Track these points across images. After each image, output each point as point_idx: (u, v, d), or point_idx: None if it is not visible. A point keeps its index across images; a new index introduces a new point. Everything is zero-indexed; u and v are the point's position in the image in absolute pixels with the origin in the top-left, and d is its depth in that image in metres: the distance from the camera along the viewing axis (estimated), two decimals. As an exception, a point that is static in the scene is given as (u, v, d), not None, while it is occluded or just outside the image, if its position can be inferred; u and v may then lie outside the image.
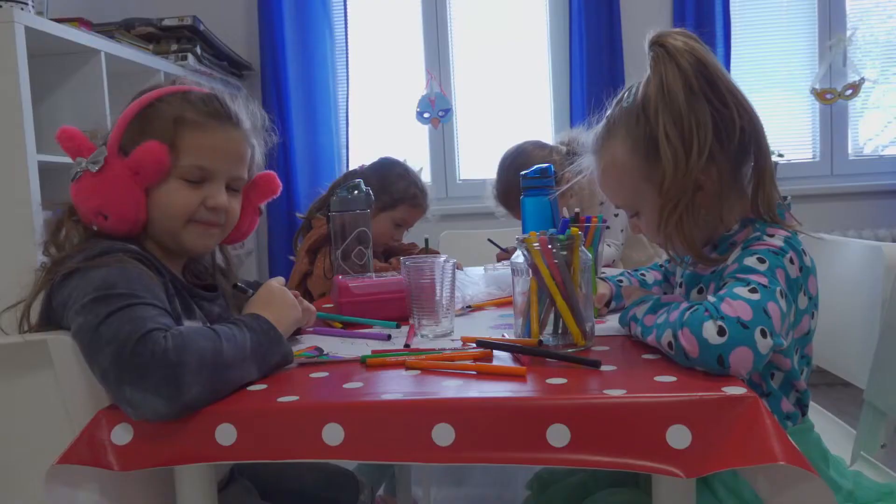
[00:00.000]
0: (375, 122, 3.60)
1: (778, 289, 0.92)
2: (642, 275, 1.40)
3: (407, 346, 1.13)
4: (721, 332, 0.85)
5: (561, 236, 1.03)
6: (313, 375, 0.97)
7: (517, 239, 1.06)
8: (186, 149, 1.08)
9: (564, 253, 1.03)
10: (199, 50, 3.07)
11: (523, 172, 1.56)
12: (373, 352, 1.09)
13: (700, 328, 0.87)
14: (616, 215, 2.16)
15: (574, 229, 1.03)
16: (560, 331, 1.05)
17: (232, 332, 0.93)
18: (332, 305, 1.50)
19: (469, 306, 1.45)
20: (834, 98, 3.43)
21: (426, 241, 1.94)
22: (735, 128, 1.01)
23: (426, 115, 3.50)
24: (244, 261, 3.54)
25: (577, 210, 1.49)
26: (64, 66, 2.46)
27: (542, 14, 3.49)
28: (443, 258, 1.25)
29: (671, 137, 1.00)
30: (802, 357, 1.06)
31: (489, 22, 3.55)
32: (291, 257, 2.09)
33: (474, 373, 0.94)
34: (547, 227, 1.57)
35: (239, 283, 1.24)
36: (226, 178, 1.14)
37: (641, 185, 1.07)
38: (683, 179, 1.00)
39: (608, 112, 1.14)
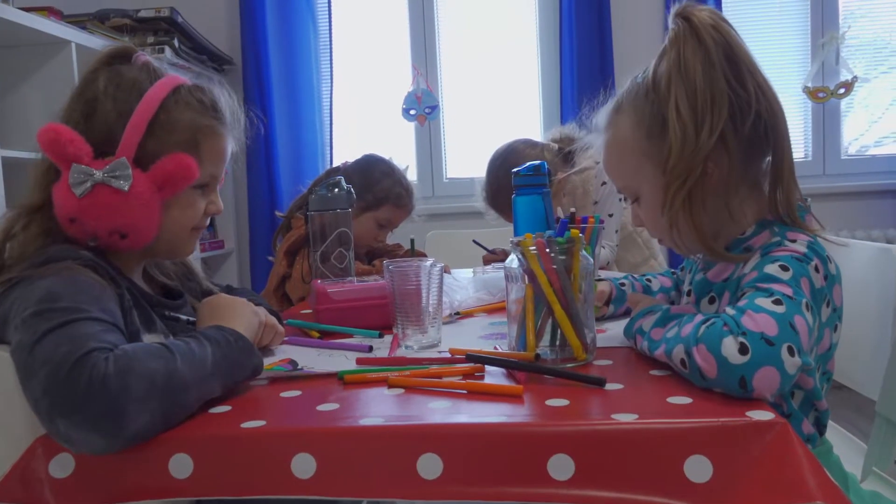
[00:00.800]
0: (360, 119, 3.48)
1: (804, 301, 0.83)
2: (648, 280, 1.30)
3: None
4: (743, 349, 0.75)
5: (560, 239, 0.93)
6: (284, 395, 0.87)
7: (511, 242, 0.96)
8: (205, 158, 1.03)
9: (563, 257, 0.93)
10: (176, 43, 2.95)
11: (515, 170, 1.47)
12: (357, 360, 1.00)
13: (719, 345, 0.77)
14: (611, 215, 2.07)
15: (574, 231, 0.94)
16: (558, 343, 0.95)
17: (189, 348, 0.83)
18: (310, 311, 1.40)
19: (457, 313, 1.36)
20: (826, 97, 3.35)
21: (412, 241, 1.84)
22: (750, 111, 0.93)
23: (412, 111, 3.39)
24: (224, 261, 3.43)
25: (572, 210, 1.40)
26: (32, 57, 2.34)
27: (531, 8, 3.40)
28: (429, 262, 1.15)
29: (682, 112, 0.92)
30: (823, 374, 0.97)
31: (477, 17, 3.44)
32: (271, 258, 1.99)
33: (464, 392, 0.85)
34: (540, 227, 1.47)
35: (168, 313, 1.08)
36: (219, 180, 1.10)
37: (643, 162, 0.99)
38: (692, 157, 0.92)
39: (619, 92, 1.05)
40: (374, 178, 1.95)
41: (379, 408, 0.80)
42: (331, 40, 3.34)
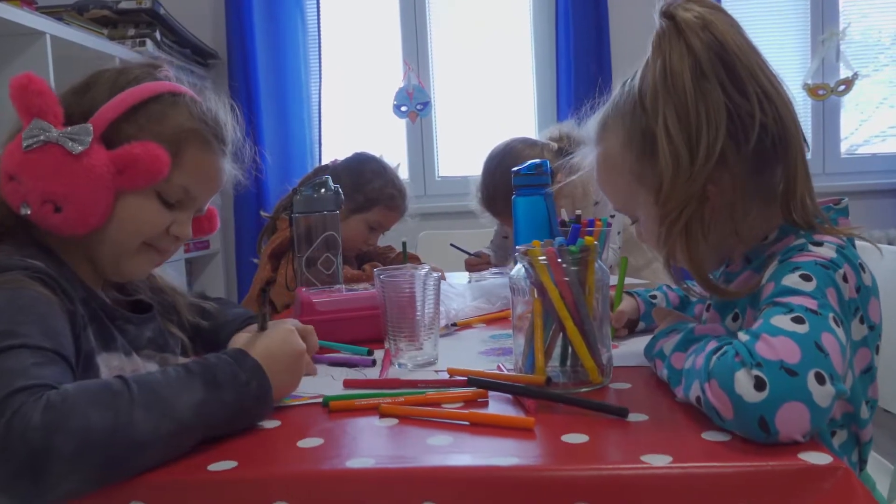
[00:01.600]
0: (350, 116, 3.37)
1: (831, 314, 0.70)
2: (686, 289, 1.17)
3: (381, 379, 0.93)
4: (759, 384, 0.63)
5: (573, 247, 0.83)
6: (261, 426, 0.76)
7: (518, 250, 0.86)
8: (183, 166, 0.93)
9: (576, 268, 0.83)
10: (158, 36, 2.84)
11: (515, 168, 1.37)
12: (344, 382, 0.90)
13: (731, 381, 0.65)
14: (612, 216, 1.97)
15: (589, 239, 0.83)
16: (570, 363, 0.85)
17: (164, 387, 0.68)
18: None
19: (454, 324, 1.25)
20: (826, 94, 3.27)
21: (404, 245, 1.74)
22: (754, 124, 0.80)
23: (403, 108, 3.30)
24: (209, 262, 3.32)
25: (578, 212, 1.30)
26: (2, 49, 2.22)
27: (526, 1, 3.31)
28: (423, 270, 1.05)
29: (672, 134, 0.79)
30: (866, 402, 0.84)
31: (470, 10, 3.34)
32: (255, 260, 1.88)
33: (467, 423, 0.74)
34: (542, 230, 1.38)
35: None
36: (197, 208, 1.00)
37: (635, 187, 0.87)
38: (686, 186, 0.79)
39: (614, 93, 0.94)
40: (364, 177, 1.85)
41: (369, 444, 0.69)
42: (319, 34, 3.25)
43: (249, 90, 3.16)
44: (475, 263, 1.96)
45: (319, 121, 3.26)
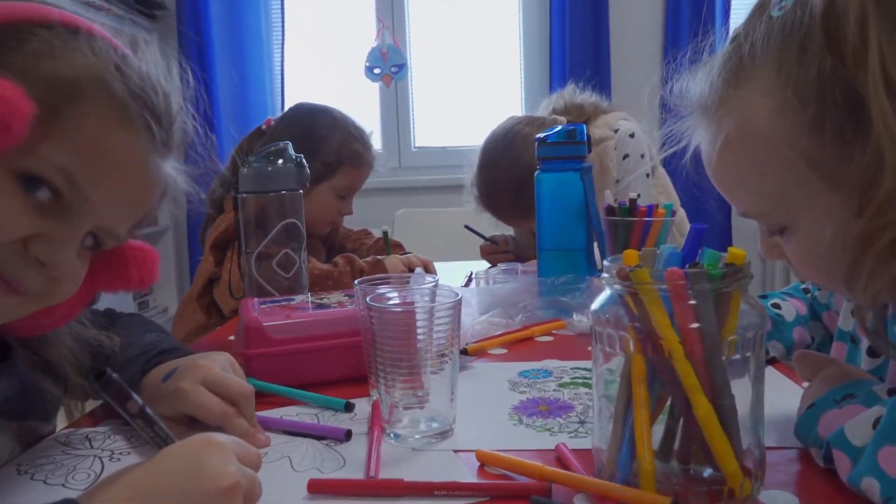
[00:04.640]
0: (317, 79, 3.17)
1: None
2: (776, 307, 0.84)
3: (370, 477, 0.58)
4: None
5: (713, 267, 0.48)
6: None
7: (606, 265, 0.51)
8: (67, 133, 0.55)
9: (714, 305, 0.48)
10: (92, -23, 2.46)
11: (541, 135, 1.04)
12: (310, 485, 0.55)
13: None
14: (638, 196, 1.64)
15: (737, 253, 0.48)
16: (679, 452, 0.51)
17: None
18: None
19: (464, 350, 0.90)
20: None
21: (385, 233, 1.39)
22: None
23: (377, 70, 3.09)
24: (157, 241, 2.95)
25: (634, 195, 0.96)
26: None
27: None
28: (428, 282, 0.71)
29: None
30: None
31: (451, -39, 3.18)
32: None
33: None
34: (578, 219, 1.05)
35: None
36: (92, 226, 0.60)
37: (805, 180, 0.53)
38: None
39: (736, 31, 0.58)
40: (317, 135, 1.46)
41: None
42: (282, -16, 3.08)
43: (202, 47, 2.95)
44: (490, 252, 1.60)
45: (282, 84, 3.06)
